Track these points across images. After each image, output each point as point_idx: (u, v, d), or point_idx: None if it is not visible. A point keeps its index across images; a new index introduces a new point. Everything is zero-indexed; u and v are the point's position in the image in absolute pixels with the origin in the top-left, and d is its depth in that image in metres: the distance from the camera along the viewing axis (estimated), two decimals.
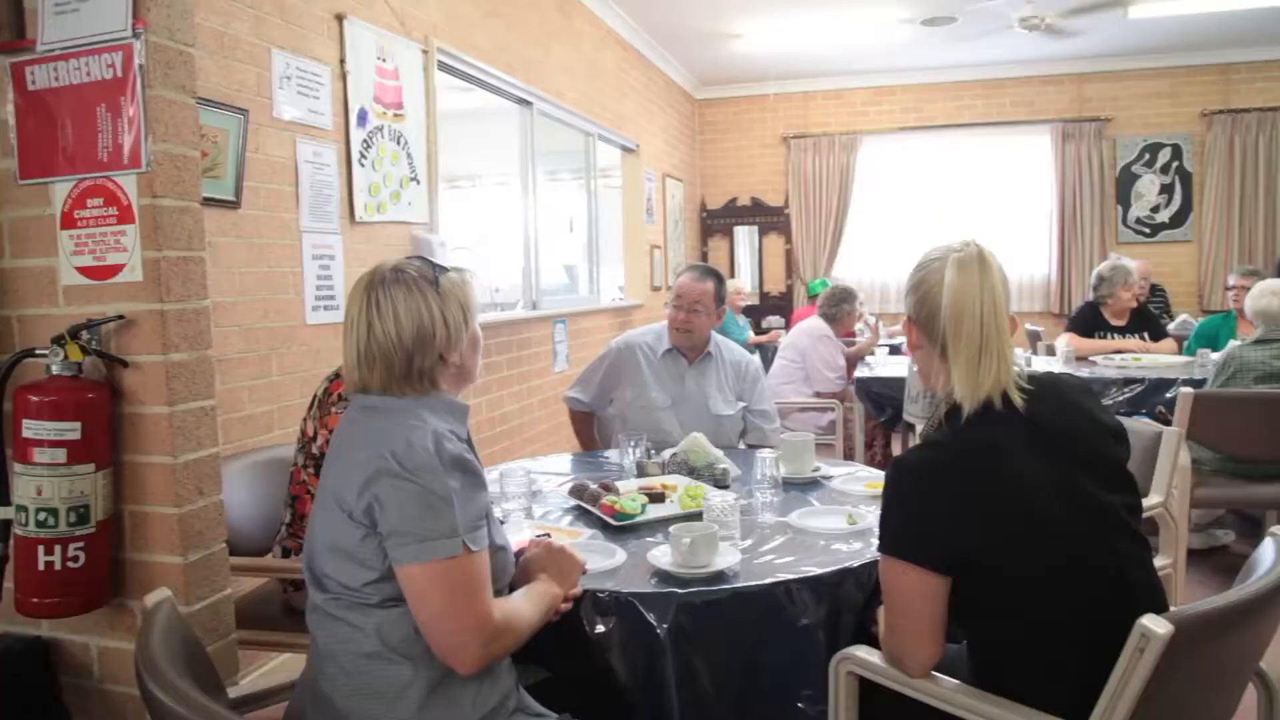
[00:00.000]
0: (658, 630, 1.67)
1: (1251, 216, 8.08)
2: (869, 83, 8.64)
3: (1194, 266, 8.28)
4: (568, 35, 5.68)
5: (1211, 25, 7.21)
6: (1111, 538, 1.47)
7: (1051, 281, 8.43)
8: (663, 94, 7.88)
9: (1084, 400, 1.57)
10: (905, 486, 1.49)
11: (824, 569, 1.78)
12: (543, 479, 2.62)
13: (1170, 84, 8.23)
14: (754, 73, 8.36)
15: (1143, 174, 8.33)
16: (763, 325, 8.41)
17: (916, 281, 1.59)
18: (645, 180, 7.18)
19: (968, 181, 8.56)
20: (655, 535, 2.03)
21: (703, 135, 9.14)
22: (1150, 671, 1.26)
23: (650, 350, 3.18)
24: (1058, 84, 8.38)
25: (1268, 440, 3.65)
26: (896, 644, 1.52)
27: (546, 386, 5.21)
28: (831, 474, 2.50)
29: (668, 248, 7.82)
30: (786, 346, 5.31)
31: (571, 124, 5.87)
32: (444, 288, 1.57)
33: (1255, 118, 8.02)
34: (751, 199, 9.01)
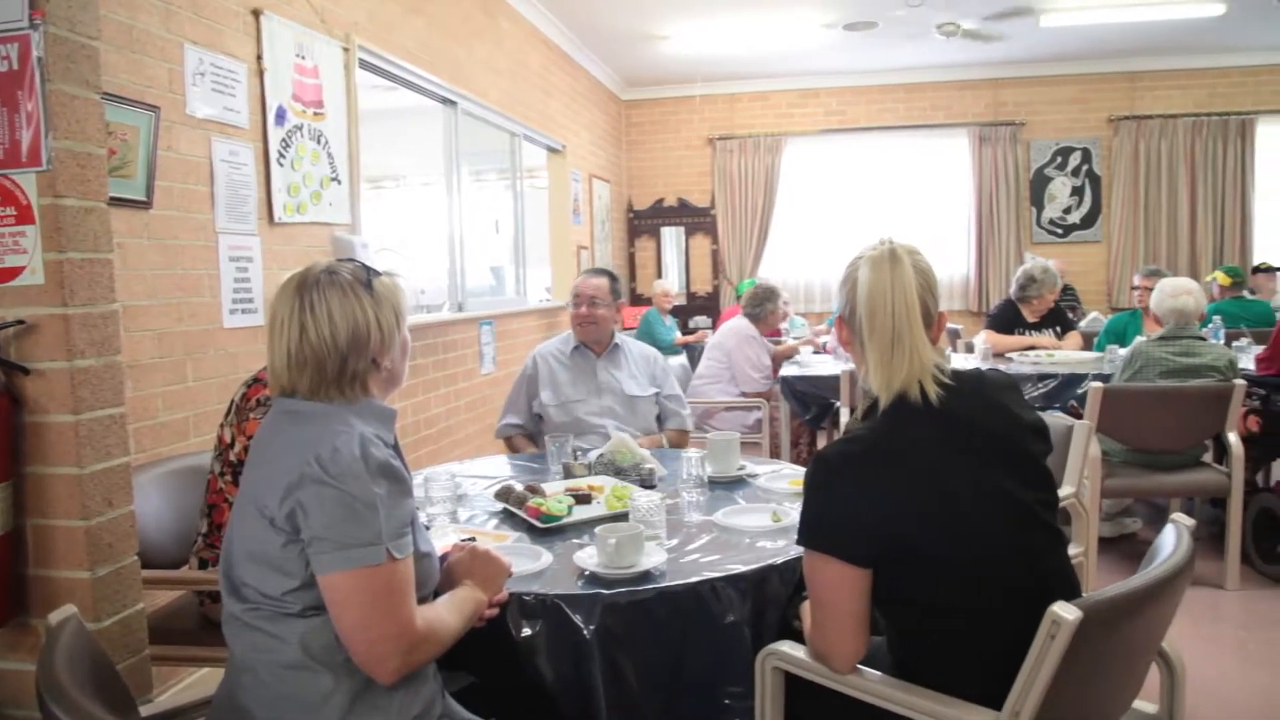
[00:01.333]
0: (584, 632, 1.67)
1: (1155, 218, 8.42)
2: (793, 85, 8.76)
3: (1103, 266, 8.61)
4: (492, 35, 5.64)
5: (1118, 35, 7.50)
6: (1026, 533, 1.51)
7: (970, 280, 8.67)
8: (589, 94, 7.88)
9: (1006, 397, 1.61)
10: (824, 480, 1.52)
11: (749, 566, 1.80)
12: (469, 482, 2.60)
13: (1080, 90, 8.54)
14: (680, 74, 8.41)
15: (1055, 176, 8.62)
16: (690, 325, 8.46)
17: (843, 280, 1.63)
18: (572, 181, 7.17)
19: (890, 182, 8.75)
20: (582, 537, 2.03)
21: (629, 136, 9.16)
22: (1061, 656, 1.31)
23: (559, 353, 3.35)
24: (974, 89, 8.62)
25: (1171, 432, 3.81)
26: (822, 638, 1.54)
27: (473, 389, 5.16)
28: (757, 472, 2.53)
29: (595, 248, 7.82)
30: (713, 347, 5.35)
31: (496, 124, 5.82)
32: (378, 291, 1.55)
33: (1158, 124, 8.37)
34: (678, 200, 9.06)
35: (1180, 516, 1.63)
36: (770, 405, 5.02)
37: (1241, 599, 3.72)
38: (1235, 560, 3.82)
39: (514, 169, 6.26)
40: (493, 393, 5.40)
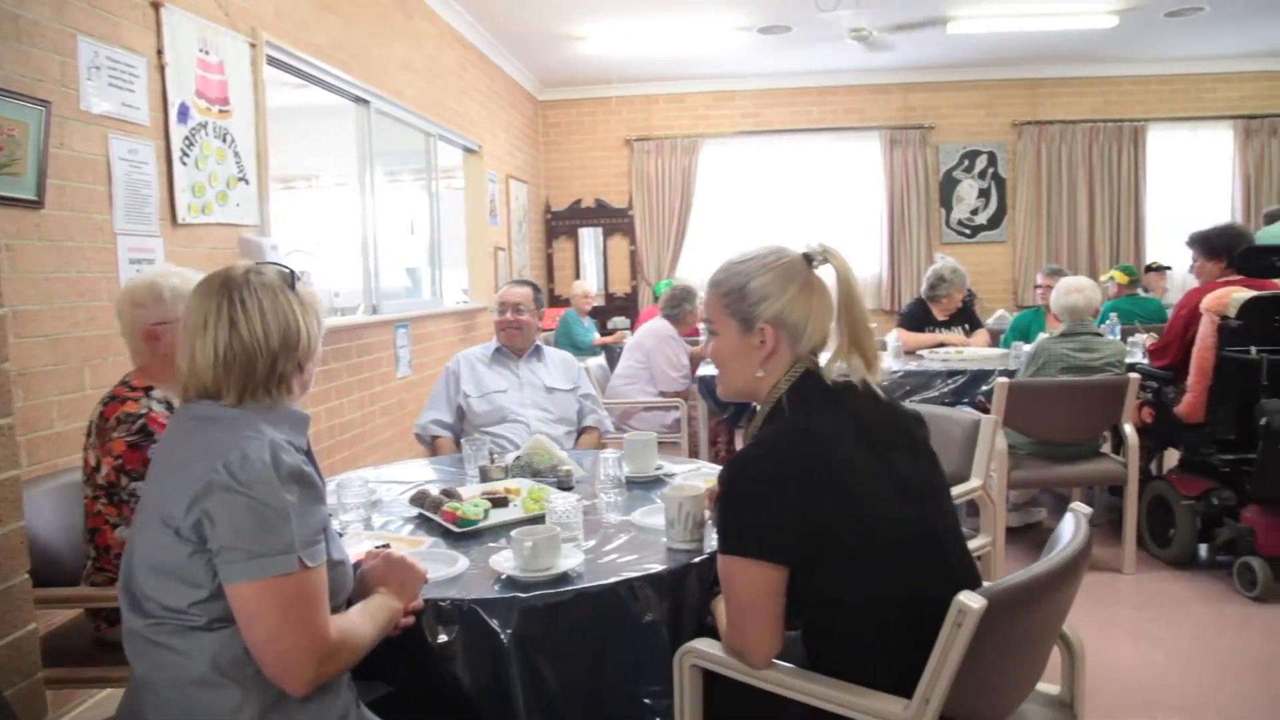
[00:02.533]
0: (501, 636, 1.65)
1: (1057, 219, 8.76)
2: (709, 87, 8.84)
3: (1008, 265, 8.91)
4: (407, 33, 5.55)
5: (1020, 44, 7.78)
6: (931, 515, 1.57)
7: (882, 279, 8.87)
8: (506, 95, 7.82)
9: (887, 395, 1.68)
10: (741, 485, 1.53)
11: (666, 565, 1.81)
12: (384, 488, 2.55)
13: (986, 96, 8.82)
14: (597, 75, 8.41)
15: (963, 179, 8.88)
16: (608, 326, 8.46)
17: (779, 286, 1.60)
18: (488, 181, 7.10)
19: (804, 184, 8.90)
20: (499, 540, 2.01)
21: (546, 137, 9.12)
22: (968, 643, 1.35)
23: (481, 355, 3.45)
24: (885, 93, 8.83)
25: (1072, 425, 3.96)
26: (739, 639, 1.56)
27: (389, 393, 5.07)
28: (674, 472, 2.54)
29: (512, 250, 7.76)
30: (631, 348, 5.36)
31: (411, 123, 5.74)
32: (302, 295, 1.54)
33: (1059, 129, 8.70)
34: (596, 200, 9.06)
35: (1078, 505, 1.70)
36: (688, 405, 5.06)
37: (1137, 582, 3.89)
38: (1132, 545, 3.99)
39: (429, 169, 6.18)
40: (409, 396, 5.32)
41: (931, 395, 4.49)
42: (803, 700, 1.52)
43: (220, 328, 1.45)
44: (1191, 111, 8.74)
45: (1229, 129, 8.72)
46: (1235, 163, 8.73)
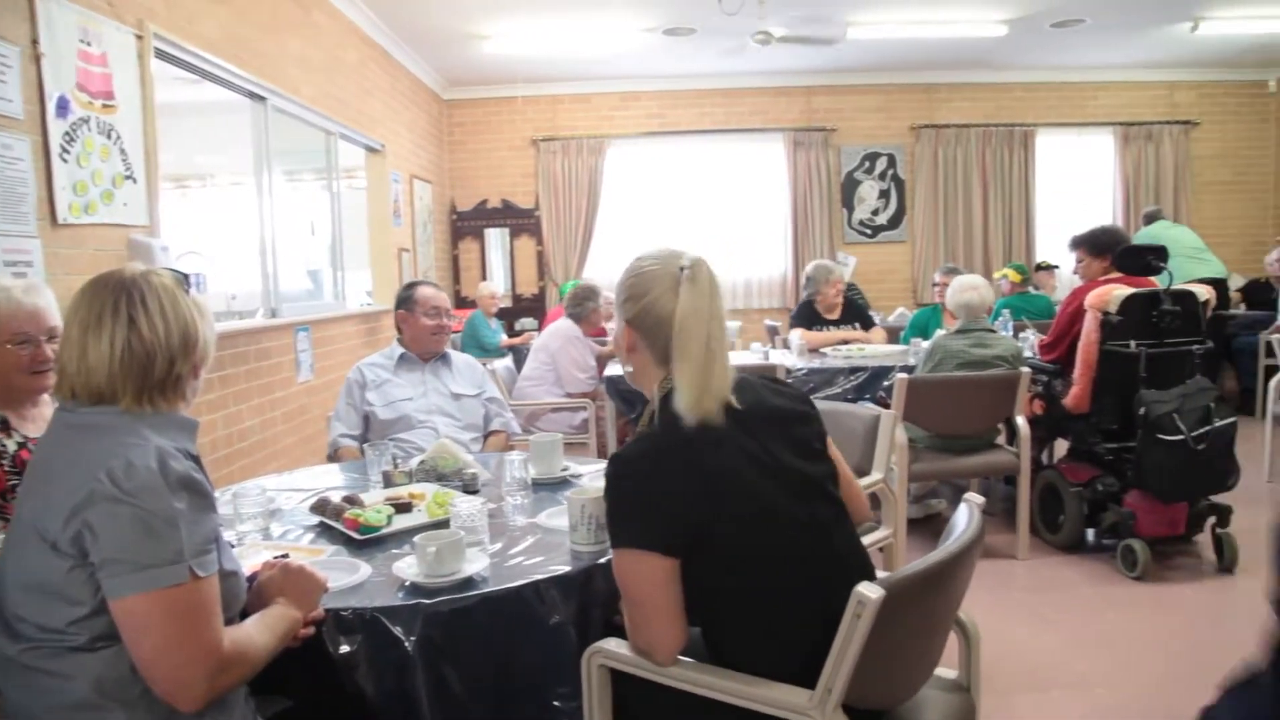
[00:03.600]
0: (405, 644, 1.62)
1: (953, 220, 9.06)
2: (615, 88, 8.86)
3: (908, 264, 9.17)
4: (306, 28, 5.40)
5: (917, 49, 8.02)
6: (815, 504, 1.61)
7: (787, 279, 9.03)
8: (409, 93, 7.68)
9: (770, 386, 1.71)
10: (626, 480, 1.55)
11: (572, 567, 1.81)
12: (283, 496, 2.48)
13: (885, 99, 9.06)
14: (502, 75, 8.34)
15: (864, 180, 9.11)
16: (516, 327, 8.41)
17: (641, 290, 1.64)
18: (392, 181, 6.97)
19: (710, 184, 8.99)
20: (402, 546, 1.98)
21: (451, 136, 9.00)
22: (868, 632, 1.38)
23: (384, 363, 3.35)
24: (789, 95, 8.99)
25: (968, 418, 4.10)
26: (642, 636, 1.57)
27: (290, 398, 4.93)
28: (580, 472, 2.54)
29: (416, 251, 7.63)
30: (537, 349, 5.33)
31: (310, 121, 5.59)
32: (195, 298, 1.50)
33: (954, 132, 9.00)
34: (502, 201, 8.98)
35: (972, 495, 1.76)
36: (596, 405, 5.06)
37: (1031, 567, 4.06)
38: (1025, 532, 4.16)
39: (330, 169, 6.03)
40: (311, 401, 5.18)
41: (835, 392, 4.59)
42: (709, 695, 1.54)
43: (118, 325, 1.40)
44: (1076, 118, 9.15)
45: (1110, 135, 9.16)
46: (1116, 166, 9.17)
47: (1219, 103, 9.25)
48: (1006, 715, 2.77)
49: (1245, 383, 7.30)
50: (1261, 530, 4.46)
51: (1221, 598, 3.68)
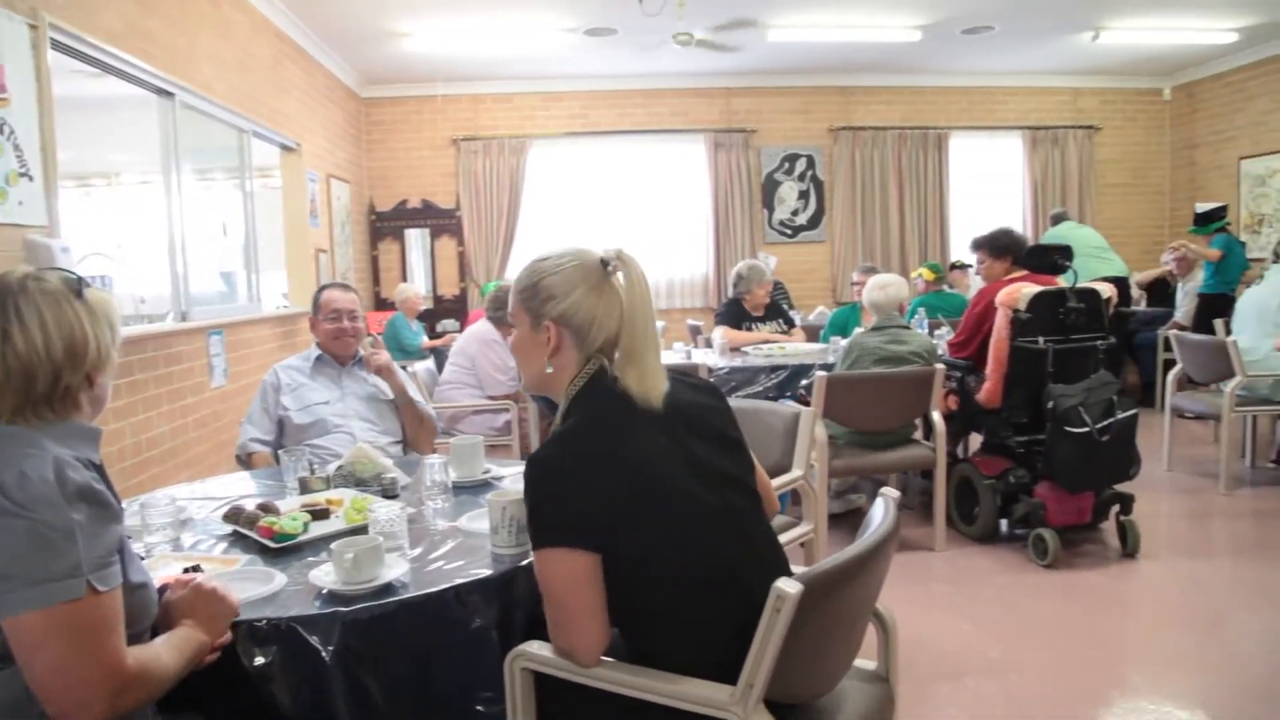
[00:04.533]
0: (323, 654, 1.59)
1: (871, 220, 9.25)
2: (536, 88, 8.82)
3: (828, 264, 9.33)
4: (216, 22, 5.24)
5: (835, 53, 8.17)
6: (733, 497, 1.63)
7: (709, 279, 9.10)
8: (326, 91, 7.52)
9: (684, 381, 1.74)
10: (545, 478, 1.54)
11: (493, 569, 1.79)
12: (194, 505, 2.40)
13: (804, 101, 9.21)
14: (422, 73, 8.23)
15: (784, 181, 9.24)
16: (438, 329, 8.30)
17: (566, 287, 1.63)
18: (308, 181, 6.81)
19: (633, 185, 9.02)
20: (319, 554, 1.93)
21: (370, 135, 8.84)
22: (787, 627, 1.40)
23: (300, 365, 3.26)
24: (709, 96, 9.07)
25: (885, 414, 4.19)
26: (564, 637, 1.56)
27: (203, 404, 4.78)
28: (502, 474, 2.52)
29: (334, 252, 7.48)
30: (456, 352, 5.26)
31: (222, 119, 5.43)
32: (90, 301, 1.43)
33: (870, 135, 9.19)
34: (423, 201, 8.86)
35: (888, 490, 1.79)
36: (519, 406, 5.03)
37: (947, 558, 4.17)
38: (942, 524, 4.27)
39: (243, 167, 5.86)
40: (225, 408, 5.03)
41: (756, 390, 4.65)
42: (633, 695, 1.54)
43: None
44: (987, 121, 9.44)
45: (1019, 138, 9.46)
46: (1025, 168, 9.48)
47: (1119, 109, 9.66)
48: (924, 703, 2.84)
49: (1146, 376, 7.63)
50: (1162, 517, 4.69)
51: (1125, 582, 3.83)
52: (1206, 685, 2.91)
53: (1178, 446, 5.80)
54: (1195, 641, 3.24)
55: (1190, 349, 5.42)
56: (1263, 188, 8.61)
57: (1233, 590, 3.76)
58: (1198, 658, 3.11)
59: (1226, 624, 3.43)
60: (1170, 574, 3.91)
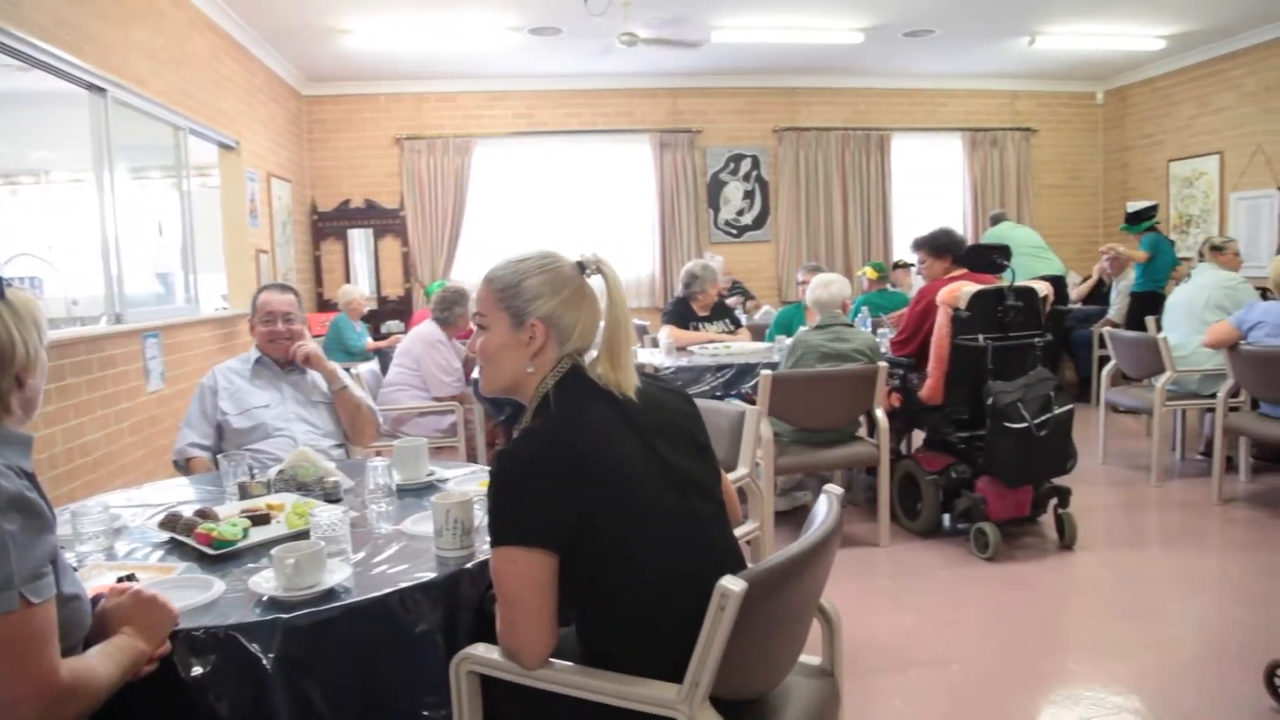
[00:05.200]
0: (263, 661, 1.56)
1: (815, 220, 9.35)
2: (481, 87, 8.75)
3: (773, 263, 9.42)
4: (151, 16, 5.11)
5: (779, 54, 8.24)
6: (696, 501, 1.64)
7: (655, 278, 9.12)
8: (266, 88, 7.38)
9: (656, 384, 1.75)
10: (511, 475, 1.54)
11: (438, 572, 1.78)
12: (130, 513, 2.34)
13: (748, 102, 9.27)
14: (365, 71, 8.12)
15: (729, 181, 9.30)
16: (382, 330, 8.20)
17: (557, 285, 1.66)
18: (248, 180, 6.68)
19: (578, 185, 9.00)
20: (260, 560, 1.90)
21: (311, 134, 8.70)
22: (732, 625, 1.41)
23: (240, 368, 3.19)
24: (655, 97, 9.09)
25: (829, 412, 4.24)
26: (512, 637, 1.56)
27: (139, 409, 4.66)
28: (447, 477, 2.50)
29: (275, 252, 7.35)
30: (401, 353, 5.21)
31: (157, 115, 5.29)
32: (14, 303, 1.39)
33: (815, 135, 9.29)
34: (366, 201, 8.74)
35: (831, 487, 1.82)
36: (464, 408, 4.99)
37: (891, 553, 4.23)
38: (886, 520, 4.33)
39: (180, 166, 5.73)
40: (163, 412, 4.91)
41: (703, 389, 4.67)
42: (579, 696, 1.54)
43: None
44: (928, 123, 9.60)
45: (959, 139, 9.65)
46: (965, 170, 9.66)
47: (1055, 112, 9.89)
48: (869, 696, 2.88)
49: (1082, 372, 7.84)
50: (1097, 509, 4.82)
51: (1062, 573, 3.93)
52: (1139, 671, 3.00)
53: (1112, 440, 5.97)
54: (1128, 629, 3.34)
55: (1123, 346, 5.58)
56: (1190, 189, 8.89)
57: (1163, 579, 3.88)
58: (1131, 644, 3.21)
59: (1157, 611, 3.53)
60: (1105, 564, 4.02)
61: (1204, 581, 3.85)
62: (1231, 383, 4.71)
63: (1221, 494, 4.85)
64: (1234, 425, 4.78)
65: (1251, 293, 5.32)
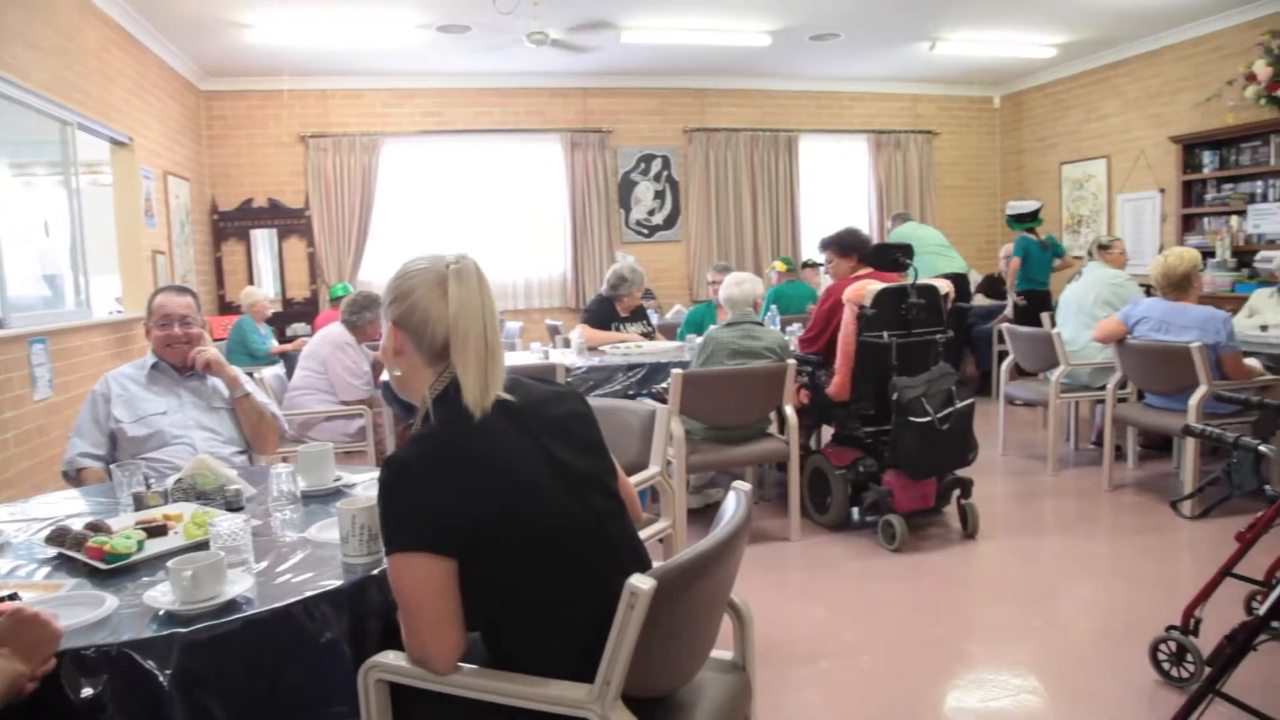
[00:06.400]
0: (159, 678, 1.50)
1: (725, 219, 9.46)
2: (389, 84, 8.60)
3: (684, 262, 9.49)
4: (34, 6, 4.86)
5: (688, 56, 8.31)
6: (592, 498, 1.64)
7: (567, 278, 9.10)
8: (161, 83, 7.11)
9: (543, 384, 1.74)
10: (401, 481, 1.52)
11: (344, 580, 1.74)
12: (13, 528, 2.23)
13: (659, 103, 9.33)
14: (267, 66, 7.89)
15: (640, 181, 9.34)
16: (287, 333, 7.99)
17: (406, 290, 1.65)
18: (143, 178, 6.42)
19: (489, 185, 8.92)
20: (156, 574, 1.83)
21: (211, 130, 8.41)
22: (641, 623, 1.41)
23: (135, 374, 3.07)
24: (565, 97, 9.06)
25: (740, 409, 4.30)
26: (418, 644, 1.54)
27: (26, 418, 4.44)
28: (354, 481, 2.44)
29: (173, 253, 7.08)
30: (307, 356, 5.07)
31: (41, 109, 5.04)
32: None
33: (724, 136, 9.40)
34: (269, 200, 8.49)
35: (739, 484, 1.84)
36: (374, 412, 4.89)
37: (802, 547, 4.31)
38: (796, 515, 4.41)
39: (67, 163, 5.47)
40: (51, 421, 4.68)
41: (615, 389, 4.68)
42: (491, 700, 1.53)
43: None
44: (834, 125, 9.81)
45: (864, 141, 9.88)
46: (870, 171, 9.91)
47: (954, 115, 10.23)
48: (782, 688, 2.93)
49: (983, 367, 8.12)
50: (998, 498, 4.99)
51: (966, 561, 4.06)
52: (1037, 652, 3.13)
53: (1011, 432, 6.19)
54: (1028, 613, 3.47)
55: (1020, 341, 5.80)
56: (1080, 191, 9.30)
57: (1059, 563, 4.05)
58: (1030, 627, 3.34)
59: (1055, 595, 3.68)
60: (1006, 551, 4.17)
61: (1096, 564, 4.03)
62: (1119, 375, 4.94)
63: (1111, 481, 5.08)
64: (1122, 415, 5.01)
65: (1136, 289, 5.60)
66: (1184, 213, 7.83)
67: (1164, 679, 2.83)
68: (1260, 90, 6.88)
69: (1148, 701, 2.74)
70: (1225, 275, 7.23)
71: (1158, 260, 4.74)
